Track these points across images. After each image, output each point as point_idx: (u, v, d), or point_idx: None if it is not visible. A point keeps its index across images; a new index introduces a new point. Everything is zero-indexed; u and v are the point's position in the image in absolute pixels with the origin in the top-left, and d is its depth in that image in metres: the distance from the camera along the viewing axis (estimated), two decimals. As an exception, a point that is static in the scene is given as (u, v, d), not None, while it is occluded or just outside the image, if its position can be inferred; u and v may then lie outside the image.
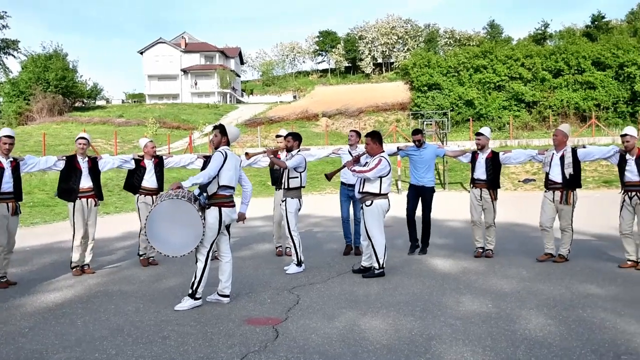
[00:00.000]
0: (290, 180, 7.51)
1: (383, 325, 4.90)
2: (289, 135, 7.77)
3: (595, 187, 20.87)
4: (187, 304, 5.63)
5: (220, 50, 72.87)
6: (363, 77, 68.04)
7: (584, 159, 7.64)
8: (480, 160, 8.16)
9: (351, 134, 8.87)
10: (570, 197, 7.47)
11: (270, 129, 42.29)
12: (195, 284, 5.65)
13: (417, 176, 8.49)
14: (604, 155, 7.58)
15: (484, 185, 8.11)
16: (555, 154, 7.62)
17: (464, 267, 7.42)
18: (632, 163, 7.08)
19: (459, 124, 42.43)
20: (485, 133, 8.28)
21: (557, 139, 7.63)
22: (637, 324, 4.74)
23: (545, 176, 7.79)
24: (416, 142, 8.53)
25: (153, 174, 8.15)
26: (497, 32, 68.55)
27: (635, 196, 7.06)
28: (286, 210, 7.49)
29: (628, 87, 40.57)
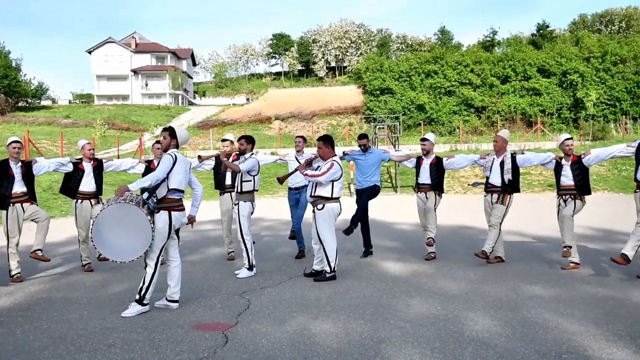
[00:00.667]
0: (244, 184, 7.45)
1: (334, 329, 4.90)
2: (242, 138, 7.70)
3: (541, 190, 21.49)
4: (134, 310, 5.49)
5: (172, 51, 71.76)
6: (316, 80, 68.20)
7: (523, 164, 7.88)
8: (425, 165, 8.30)
9: (298, 140, 8.91)
10: (507, 199, 7.67)
11: (222, 132, 41.84)
12: (144, 289, 5.53)
13: (363, 180, 8.59)
14: (541, 162, 7.86)
15: (429, 189, 8.24)
16: (496, 159, 7.83)
17: (414, 270, 7.51)
18: (567, 168, 7.39)
19: (411, 128, 43.06)
20: (430, 139, 8.44)
21: (498, 145, 7.85)
22: (578, 324, 4.89)
23: (486, 180, 7.98)
24: (362, 146, 8.62)
25: (92, 177, 7.92)
26: (448, 38, 69.93)
27: (569, 198, 7.33)
28: (238, 214, 7.41)
29: (571, 94, 42.07)
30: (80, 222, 7.86)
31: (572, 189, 7.34)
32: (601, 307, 5.42)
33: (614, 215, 12.58)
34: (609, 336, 4.55)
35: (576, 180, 7.30)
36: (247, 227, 7.40)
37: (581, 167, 7.32)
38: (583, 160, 7.32)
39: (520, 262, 7.92)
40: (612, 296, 5.84)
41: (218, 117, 49.49)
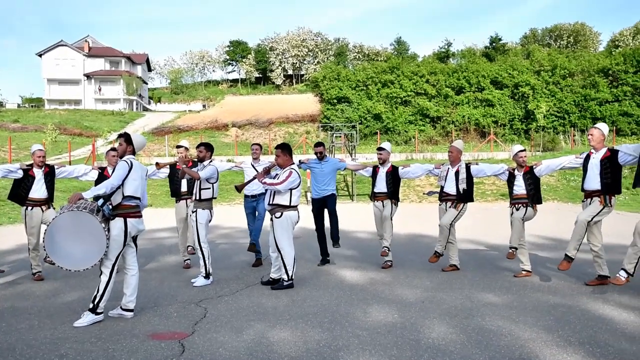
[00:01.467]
0: (202, 192, 7.38)
1: (291, 337, 4.89)
2: (201, 145, 7.64)
3: (494, 199, 22.00)
4: (87, 320, 5.35)
5: (127, 55, 70.55)
6: (273, 88, 68.15)
7: (477, 175, 8.07)
8: (381, 174, 8.40)
9: (255, 148, 8.90)
10: (460, 206, 7.84)
11: (178, 138, 41.34)
12: (97, 297, 5.39)
13: (318, 189, 8.64)
14: (494, 173, 8.08)
15: (385, 197, 8.33)
16: (451, 169, 7.99)
17: (371, 278, 7.56)
18: (520, 178, 7.61)
19: (367, 137, 43.50)
20: (387, 148, 8.55)
21: (453, 155, 8.01)
22: (530, 330, 5.01)
23: (440, 189, 8.13)
24: (317, 154, 8.67)
25: (43, 184, 7.71)
26: (404, 48, 70.93)
27: (521, 207, 7.54)
28: (196, 221, 7.33)
29: (522, 105, 43.32)
30: (31, 229, 7.63)
31: (525, 198, 7.55)
32: (552, 314, 5.56)
33: (563, 224, 12.95)
34: (560, 342, 4.67)
35: (528, 190, 7.51)
36: (205, 234, 7.35)
37: (533, 177, 7.54)
38: (535, 170, 7.54)
39: (474, 270, 8.07)
40: (562, 303, 6.01)
41: (174, 123, 48.86)
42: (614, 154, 6.67)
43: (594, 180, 6.75)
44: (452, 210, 7.86)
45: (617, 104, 41.83)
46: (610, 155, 6.67)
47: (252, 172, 8.58)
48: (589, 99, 42.24)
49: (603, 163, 6.70)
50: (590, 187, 6.80)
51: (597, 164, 6.76)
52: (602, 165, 6.69)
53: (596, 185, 6.72)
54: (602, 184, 6.67)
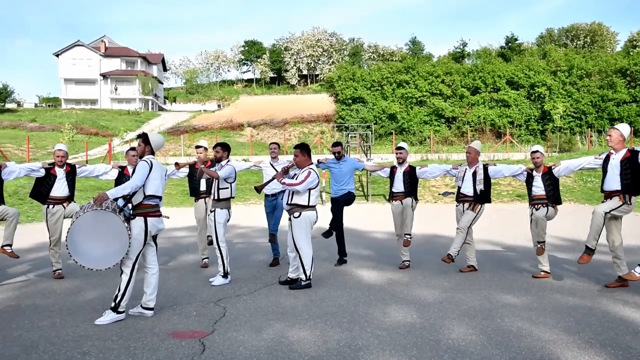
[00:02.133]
0: (221, 191, 7.43)
1: (311, 337, 4.91)
2: (217, 145, 7.69)
3: (510, 200, 21.86)
4: (108, 318, 5.41)
5: (142, 55, 71.09)
6: (288, 88, 68.31)
7: (495, 175, 8.04)
8: (399, 174, 8.40)
9: (273, 147, 8.93)
10: (477, 207, 7.81)
11: (194, 138, 41.61)
12: (119, 296, 5.45)
13: (337, 189, 8.65)
14: (512, 173, 8.05)
15: (403, 197, 8.33)
16: (468, 170, 7.96)
17: (389, 278, 7.56)
18: (538, 179, 7.57)
19: (382, 137, 43.42)
20: (405, 147, 8.54)
21: (470, 156, 7.99)
22: (550, 332, 4.99)
23: (457, 190, 8.11)
24: (335, 154, 8.69)
25: (64, 183, 7.80)
26: (419, 48, 70.74)
27: (541, 208, 7.50)
28: (215, 221, 7.38)
29: (539, 106, 42.99)
30: (52, 227, 7.72)
31: (544, 199, 7.51)
32: (572, 316, 5.53)
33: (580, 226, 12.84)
34: (581, 344, 4.64)
35: (547, 190, 7.47)
36: (223, 234, 7.40)
37: (552, 178, 7.50)
38: (553, 171, 7.50)
39: (492, 271, 8.04)
40: (582, 305, 5.98)
41: (189, 123, 49.16)
42: (634, 154, 6.62)
43: (614, 181, 6.70)
44: (470, 213, 7.83)
45: (635, 104, 41.38)
46: (631, 156, 6.62)
47: (271, 171, 8.61)
48: (606, 100, 41.83)
49: (623, 164, 6.65)
50: (610, 187, 6.76)
51: (617, 164, 6.71)
52: (622, 166, 6.65)
53: (616, 186, 6.68)
54: (622, 185, 6.62)
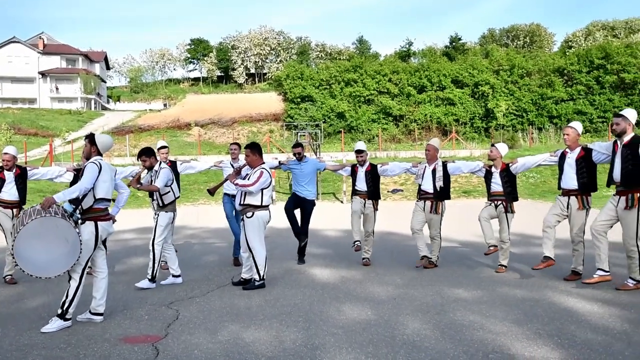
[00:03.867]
0: (164, 197, 7.24)
1: (267, 337, 4.88)
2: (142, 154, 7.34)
3: (456, 197, 22.33)
4: (55, 325, 5.21)
5: (84, 53, 69.00)
6: (236, 87, 67.67)
7: (454, 172, 8.22)
8: (360, 173, 8.48)
9: (233, 148, 8.85)
10: (440, 207, 7.99)
11: (139, 138, 40.76)
12: (67, 303, 5.26)
13: (298, 189, 8.64)
14: (471, 170, 8.25)
15: (366, 196, 8.40)
16: (428, 167, 8.10)
17: (342, 276, 7.61)
18: (497, 175, 7.76)
19: (331, 135, 43.60)
20: (365, 148, 8.61)
21: (430, 154, 8.13)
22: (501, 324, 5.13)
23: (418, 187, 8.25)
24: (296, 155, 8.68)
25: (14, 186, 7.53)
26: (366, 47, 71.36)
27: (500, 204, 7.70)
28: (157, 223, 7.20)
29: (482, 104, 44.11)
30: (6, 231, 7.43)
31: (502, 195, 7.72)
32: (520, 308, 5.70)
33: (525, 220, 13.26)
34: (529, 335, 4.79)
35: (505, 187, 7.68)
36: (160, 236, 7.18)
37: (509, 175, 7.73)
38: (511, 168, 7.73)
39: (443, 266, 8.20)
40: (529, 297, 6.17)
41: (134, 122, 48.05)
42: (588, 152, 6.87)
43: (571, 179, 6.94)
44: (435, 217, 8.02)
45: (572, 102, 42.99)
46: (585, 155, 6.88)
47: (230, 170, 8.53)
48: (545, 98, 43.28)
49: (578, 162, 6.89)
50: (568, 185, 6.99)
51: (572, 163, 6.95)
52: (578, 165, 6.89)
53: (573, 184, 6.92)
54: (579, 183, 6.88)
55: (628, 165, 6.21)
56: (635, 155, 6.17)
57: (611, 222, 6.49)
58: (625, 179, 6.24)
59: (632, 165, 6.18)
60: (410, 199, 21.32)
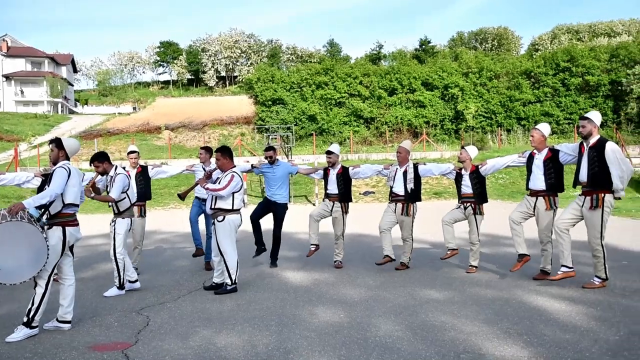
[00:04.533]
0: (120, 204, 7.05)
1: (239, 341, 4.85)
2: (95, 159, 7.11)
3: (427, 198, 22.55)
4: (21, 334, 5.08)
5: (50, 56, 67.63)
6: (206, 90, 67.14)
7: (424, 174, 8.29)
8: (332, 176, 8.49)
9: (201, 152, 8.79)
10: (411, 209, 8.04)
11: (108, 142, 40.18)
12: (33, 311, 5.14)
13: (270, 193, 8.62)
14: (442, 172, 8.34)
15: (337, 198, 8.41)
16: (399, 169, 8.15)
17: (315, 279, 7.60)
18: (467, 178, 7.86)
19: (303, 138, 43.59)
20: (335, 151, 8.61)
21: (401, 156, 8.18)
22: (472, 324, 5.18)
23: (390, 189, 8.29)
24: (268, 158, 8.65)
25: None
26: (337, 50, 71.51)
27: (469, 206, 7.78)
28: (115, 231, 7.01)
29: (452, 106, 44.57)
30: None
31: (472, 197, 7.81)
32: (491, 308, 5.78)
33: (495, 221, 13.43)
34: (500, 334, 4.85)
35: (474, 189, 7.78)
36: (121, 244, 7.01)
37: (479, 177, 7.83)
38: (480, 170, 7.83)
39: (415, 267, 8.26)
40: (500, 297, 6.25)
41: (103, 126, 47.33)
42: (555, 154, 7.04)
43: (539, 180, 7.09)
44: (407, 219, 8.06)
45: (539, 104, 43.71)
46: (552, 156, 7.04)
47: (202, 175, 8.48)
48: (513, 100, 43.93)
49: (546, 164, 7.05)
50: (536, 186, 7.14)
51: (540, 164, 7.11)
52: (545, 166, 7.05)
53: (541, 185, 7.07)
54: (546, 184, 7.03)
55: (594, 166, 6.39)
56: (601, 157, 6.34)
57: (574, 221, 6.67)
58: (592, 180, 6.41)
59: (598, 167, 6.36)
60: (382, 201, 21.48)
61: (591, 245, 6.49)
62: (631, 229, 12.59)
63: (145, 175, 8.53)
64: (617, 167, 6.29)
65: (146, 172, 8.57)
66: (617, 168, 6.29)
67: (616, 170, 6.28)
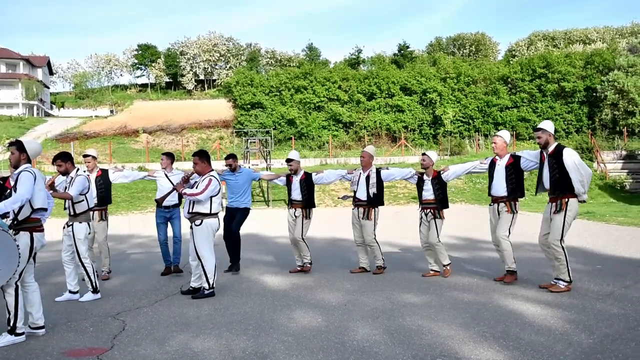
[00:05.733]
0: (76, 206, 6.86)
1: (216, 346, 4.82)
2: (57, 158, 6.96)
3: (406, 202, 22.69)
4: (4, 341, 4.98)
5: (25, 58, 66.67)
6: (185, 93, 66.73)
7: (387, 179, 8.31)
8: (295, 182, 8.44)
9: (162, 158, 8.72)
10: (372, 213, 8.05)
11: (85, 145, 39.65)
12: (12, 319, 5.03)
13: (233, 200, 8.62)
14: (403, 177, 8.36)
15: (301, 205, 8.39)
16: (362, 174, 8.18)
17: (293, 283, 7.59)
18: (428, 183, 7.90)
19: (282, 142, 43.55)
20: (295, 157, 8.54)
21: (364, 160, 8.22)
22: (449, 328, 5.22)
23: (354, 194, 8.31)
24: (228, 166, 8.62)
25: None
26: (315, 54, 71.64)
27: (430, 212, 7.85)
28: (74, 237, 6.83)
29: (430, 111, 44.89)
30: None
31: (433, 203, 7.85)
32: (467, 311, 5.82)
33: (472, 225, 13.59)
34: (476, 338, 4.90)
35: (436, 194, 7.83)
36: (85, 250, 6.90)
37: (440, 182, 7.88)
38: (442, 175, 7.90)
39: (393, 271, 8.29)
40: (476, 300, 6.31)
41: (80, 129, 46.74)
42: (516, 160, 7.21)
43: (501, 186, 7.23)
44: (368, 223, 8.07)
45: (516, 109, 44.25)
46: (514, 162, 7.21)
47: (164, 181, 8.43)
48: (491, 105, 44.41)
49: (507, 169, 7.21)
50: (497, 193, 7.28)
51: (502, 170, 7.24)
52: (507, 172, 7.21)
53: (502, 191, 7.22)
54: (507, 190, 7.17)
55: (555, 173, 6.61)
56: (561, 163, 6.57)
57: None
58: (554, 186, 6.64)
59: (558, 173, 6.58)
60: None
61: (551, 247, 6.64)
62: (605, 234, 12.79)
63: (105, 179, 8.40)
64: (576, 172, 6.50)
65: (107, 176, 8.44)
66: (576, 173, 6.50)
67: (576, 175, 6.49)
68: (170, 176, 8.48)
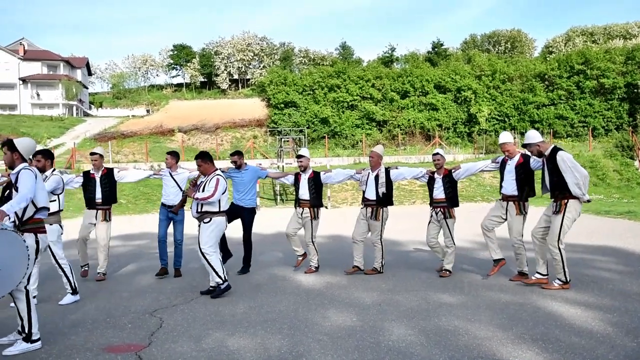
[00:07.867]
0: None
1: (252, 344, 4.85)
2: (38, 153, 6.68)
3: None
4: (18, 348, 4.82)
5: (65, 59, 68.26)
6: (219, 92, 67.39)
7: (396, 179, 8.23)
8: (303, 181, 8.41)
9: (167, 157, 8.73)
10: (380, 213, 7.98)
11: (122, 144, 40.46)
12: (26, 325, 4.87)
13: (237, 197, 8.60)
14: (414, 176, 8.28)
15: (308, 204, 8.35)
16: (371, 174, 8.11)
17: (327, 282, 7.58)
18: (439, 182, 7.87)
19: (315, 140, 43.59)
20: (306, 154, 8.52)
21: (373, 160, 8.14)
22: (486, 329, 5.14)
23: (362, 194, 8.25)
24: (233, 163, 8.62)
25: None
26: (349, 53, 71.49)
27: (440, 211, 7.80)
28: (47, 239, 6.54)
29: (465, 109, 44.34)
30: None
31: (444, 201, 7.83)
32: (505, 312, 5.72)
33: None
34: (514, 339, 4.81)
35: (446, 193, 7.80)
36: (61, 251, 6.78)
37: (451, 181, 7.85)
38: (453, 174, 7.84)
39: (426, 271, 8.22)
40: (513, 301, 6.20)
41: (117, 129, 47.61)
42: (526, 159, 7.25)
43: (511, 186, 7.29)
44: (376, 223, 8.00)
45: (553, 107, 43.40)
46: (523, 162, 7.24)
47: (169, 180, 8.47)
48: (527, 103, 43.63)
49: (517, 169, 7.24)
50: (508, 191, 7.34)
51: (512, 170, 7.30)
52: (517, 172, 7.24)
53: (513, 190, 7.27)
54: (518, 189, 7.22)
55: (553, 176, 6.72)
56: (555, 166, 6.63)
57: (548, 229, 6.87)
58: (554, 188, 6.73)
59: (556, 176, 6.66)
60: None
61: (549, 247, 6.70)
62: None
63: (110, 178, 8.30)
64: (570, 174, 6.53)
65: (112, 175, 8.34)
66: (570, 175, 6.53)
67: (570, 177, 6.53)
68: (175, 175, 8.47)
